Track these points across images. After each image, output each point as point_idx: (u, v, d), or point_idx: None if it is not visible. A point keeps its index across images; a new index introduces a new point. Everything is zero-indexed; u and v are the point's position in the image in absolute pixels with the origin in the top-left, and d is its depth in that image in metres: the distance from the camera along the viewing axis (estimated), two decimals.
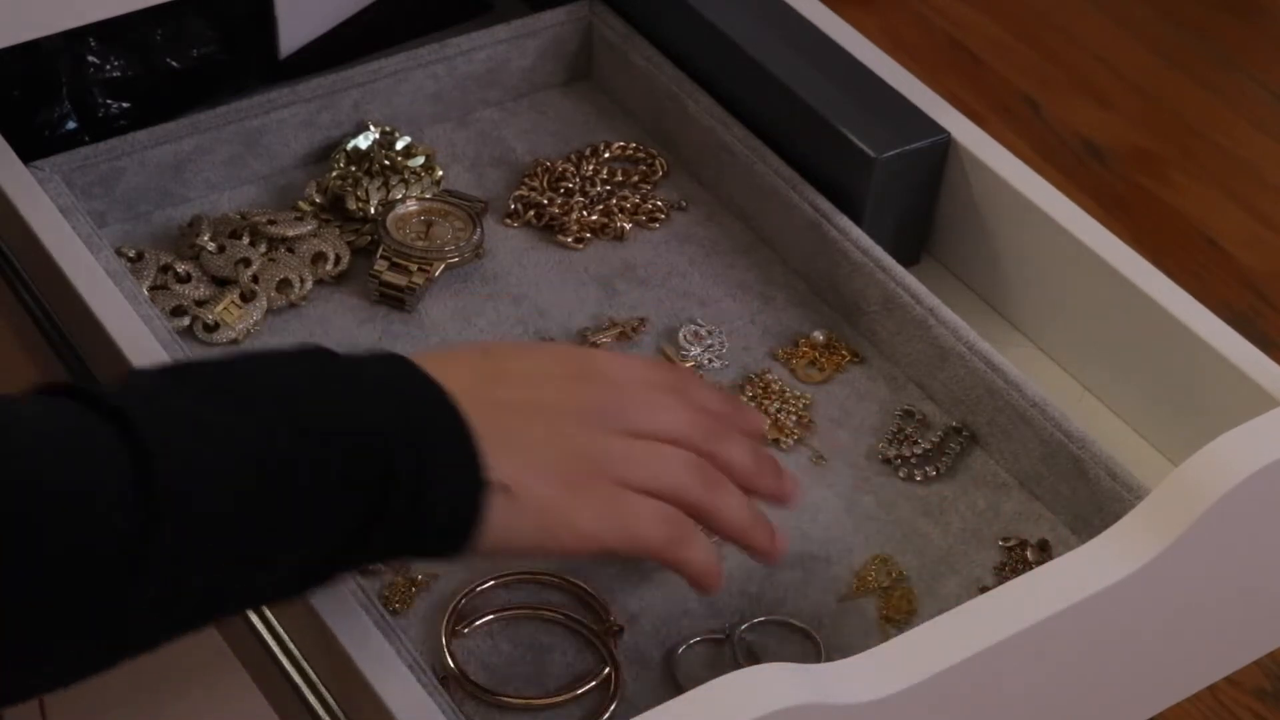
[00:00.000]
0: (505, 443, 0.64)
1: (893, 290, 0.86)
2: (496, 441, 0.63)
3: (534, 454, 0.65)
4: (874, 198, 0.88)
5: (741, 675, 0.60)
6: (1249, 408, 0.76)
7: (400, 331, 0.88)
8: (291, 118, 0.94)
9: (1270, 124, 1.73)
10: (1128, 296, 0.83)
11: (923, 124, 0.89)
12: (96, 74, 0.94)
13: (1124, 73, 1.77)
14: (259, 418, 0.60)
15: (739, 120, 0.94)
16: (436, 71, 0.97)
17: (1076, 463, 0.79)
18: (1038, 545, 0.78)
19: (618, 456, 0.67)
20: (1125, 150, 1.68)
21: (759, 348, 0.88)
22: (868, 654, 0.63)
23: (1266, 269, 1.57)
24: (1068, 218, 0.86)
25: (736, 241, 0.94)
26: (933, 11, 1.82)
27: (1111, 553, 0.67)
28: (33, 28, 0.85)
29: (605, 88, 1.02)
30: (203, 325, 0.87)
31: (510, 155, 0.98)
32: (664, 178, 0.97)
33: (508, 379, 0.67)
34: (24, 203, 0.84)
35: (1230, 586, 0.74)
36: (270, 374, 0.63)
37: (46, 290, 0.86)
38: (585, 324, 0.89)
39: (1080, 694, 0.72)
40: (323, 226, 0.92)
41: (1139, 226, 1.60)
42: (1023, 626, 0.64)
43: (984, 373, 0.82)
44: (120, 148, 0.91)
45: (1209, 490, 0.67)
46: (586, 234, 0.93)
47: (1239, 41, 1.83)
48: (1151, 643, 0.73)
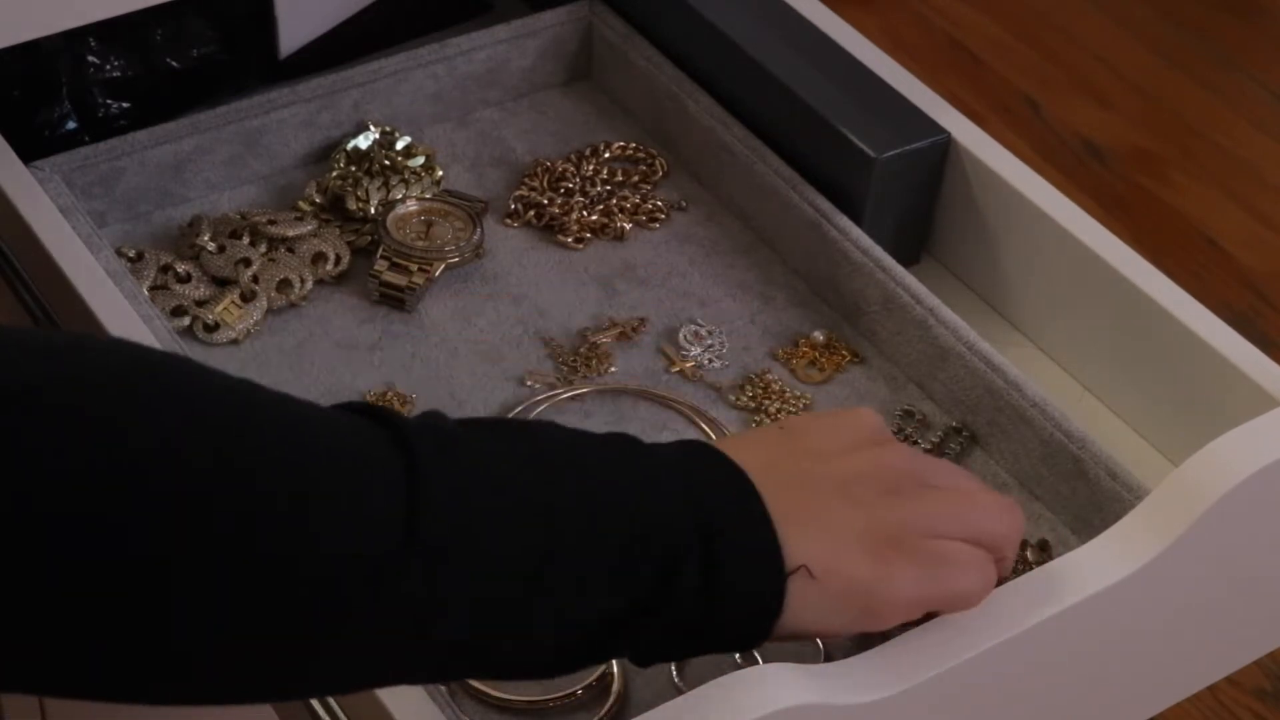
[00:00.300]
0: (801, 520, 0.61)
1: (893, 290, 0.86)
2: (795, 522, 0.61)
3: (836, 530, 0.62)
4: (874, 198, 0.88)
5: (742, 675, 0.60)
6: (1249, 408, 0.76)
7: (400, 331, 0.88)
8: (291, 118, 0.94)
9: (1270, 124, 1.73)
10: (1128, 296, 0.83)
11: (923, 124, 0.89)
12: (96, 74, 0.94)
13: (1124, 73, 1.77)
14: (546, 473, 0.58)
15: (739, 120, 0.94)
16: (436, 71, 0.97)
17: (1076, 463, 0.79)
18: (1038, 545, 0.78)
19: (923, 511, 0.63)
20: (1125, 150, 1.68)
21: (759, 348, 0.88)
22: (868, 654, 0.63)
23: (1266, 269, 1.57)
24: (1068, 218, 0.86)
25: (736, 241, 0.94)
26: (933, 11, 1.82)
27: (1111, 553, 0.67)
28: (33, 28, 0.85)
29: (605, 88, 1.02)
30: (203, 325, 0.87)
31: (510, 155, 0.98)
32: (664, 178, 0.97)
33: (805, 454, 0.64)
34: (24, 203, 0.84)
35: (1230, 586, 0.74)
36: (569, 439, 0.61)
37: (46, 290, 0.86)
38: (585, 324, 0.89)
39: (1080, 694, 0.72)
40: (323, 226, 0.92)
41: (1139, 226, 1.60)
42: (1023, 627, 0.64)
43: (984, 373, 0.82)
44: (120, 148, 0.91)
45: (1209, 490, 0.67)
46: (586, 234, 0.93)
47: (1239, 41, 1.83)
48: (1151, 643, 0.72)
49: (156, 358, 0.56)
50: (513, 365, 0.86)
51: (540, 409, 0.84)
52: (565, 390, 0.85)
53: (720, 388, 0.86)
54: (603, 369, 0.86)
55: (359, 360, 0.86)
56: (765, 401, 0.85)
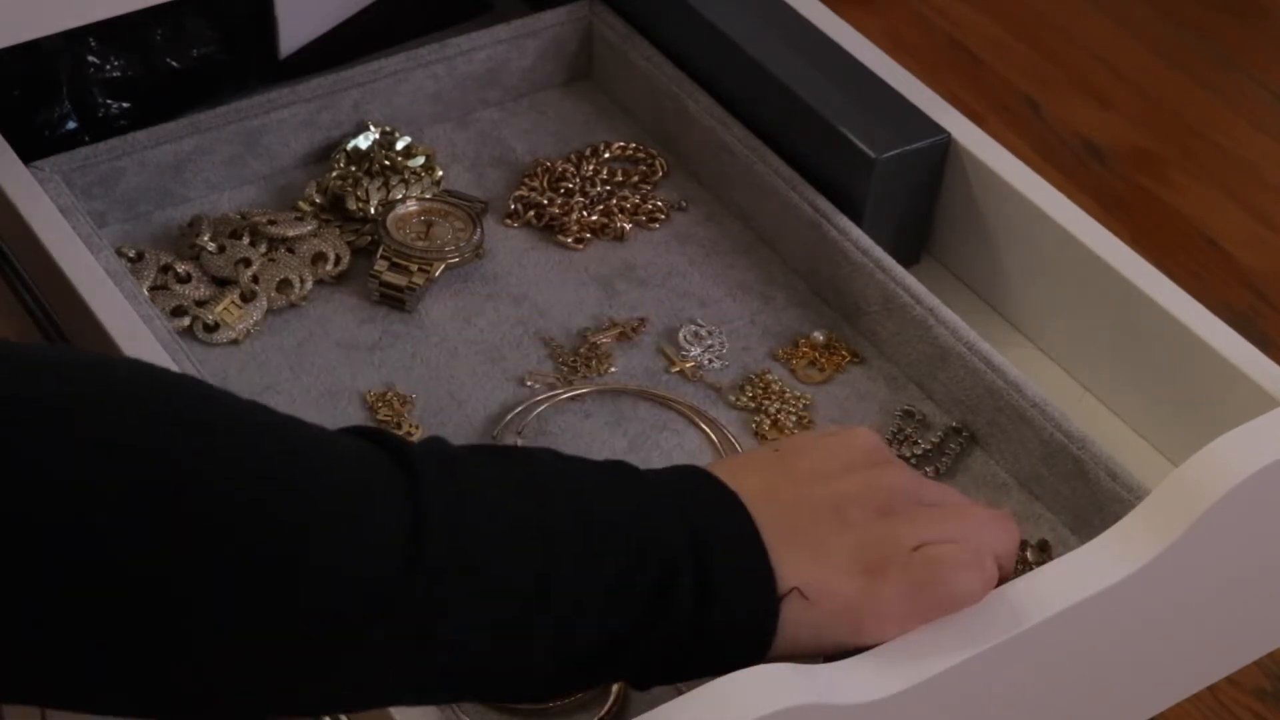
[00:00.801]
0: (794, 544, 0.62)
1: (893, 290, 0.86)
2: (789, 545, 0.61)
3: (828, 552, 0.62)
4: (874, 198, 0.88)
5: (742, 675, 0.60)
6: (1249, 408, 0.76)
7: (400, 331, 0.88)
8: (291, 118, 0.94)
9: (1270, 124, 1.72)
10: (1128, 296, 0.83)
11: (923, 124, 0.89)
12: (96, 74, 0.94)
13: (1124, 73, 1.77)
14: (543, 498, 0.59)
15: (739, 120, 0.94)
16: (436, 71, 0.97)
17: (1076, 463, 0.79)
18: (1038, 545, 0.78)
19: (916, 526, 0.64)
20: (1125, 150, 1.68)
21: (759, 348, 0.88)
22: (868, 654, 0.63)
23: (1266, 269, 1.57)
24: (1068, 218, 0.86)
25: (736, 241, 0.94)
26: (933, 11, 1.82)
27: (1111, 553, 0.67)
28: (33, 28, 0.85)
29: (605, 88, 1.02)
30: (203, 325, 0.87)
31: (510, 155, 0.98)
32: (664, 178, 0.97)
33: (801, 478, 0.65)
34: (24, 203, 0.84)
35: (1230, 586, 0.74)
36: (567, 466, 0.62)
37: (46, 290, 0.86)
38: (585, 324, 0.89)
39: (1080, 694, 0.72)
40: (323, 226, 0.92)
41: (1139, 226, 1.60)
42: (1023, 627, 0.64)
43: (984, 373, 0.82)
44: (120, 148, 0.91)
45: (1209, 490, 0.67)
46: (586, 234, 0.93)
47: (1239, 41, 1.82)
48: (1151, 643, 0.72)
49: (170, 379, 0.57)
50: (513, 365, 0.86)
51: (540, 409, 0.84)
52: (565, 390, 0.85)
53: (720, 388, 0.86)
54: (603, 369, 0.86)
55: (359, 360, 0.86)
56: (765, 402, 0.85)
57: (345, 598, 0.54)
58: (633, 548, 0.59)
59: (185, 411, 0.55)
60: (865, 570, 0.62)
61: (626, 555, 0.59)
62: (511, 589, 0.57)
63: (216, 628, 0.53)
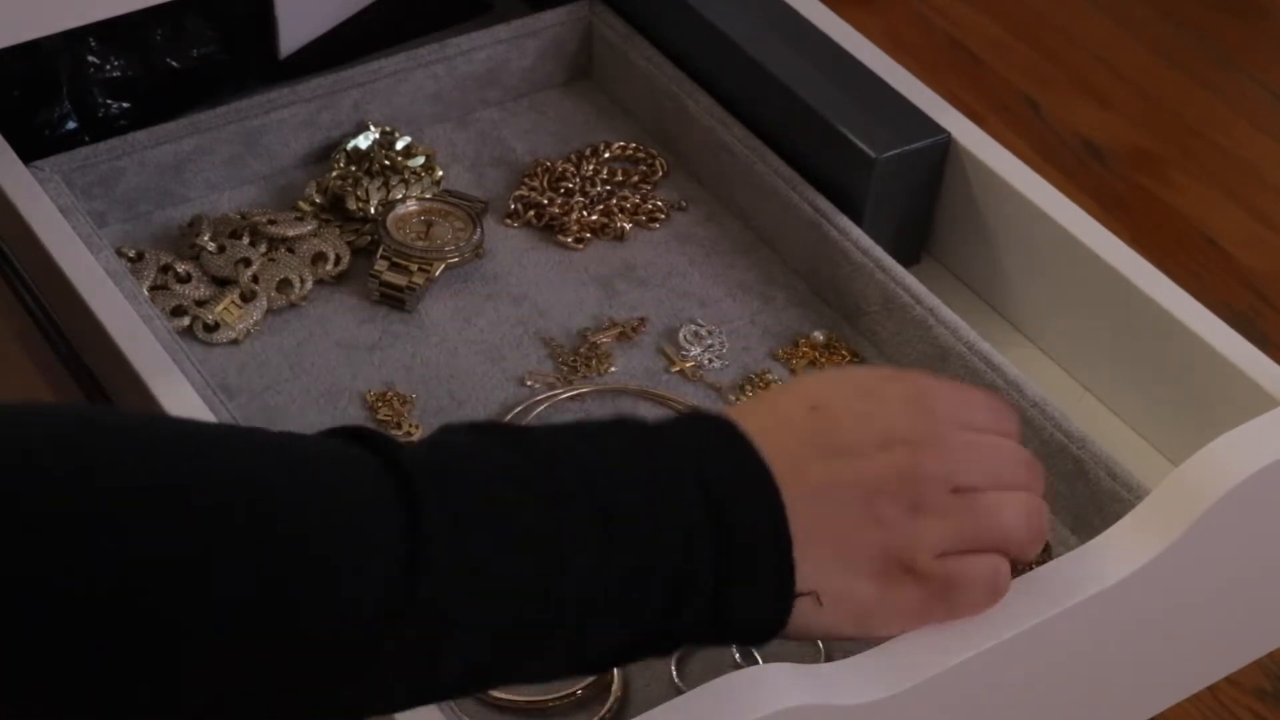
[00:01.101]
0: (819, 539, 0.60)
1: (893, 290, 0.86)
2: (814, 543, 0.60)
3: (852, 554, 0.61)
4: (874, 198, 0.88)
5: (742, 675, 0.60)
6: (1249, 408, 0.76)
7: (400, 331, 0.88)
8: (291, 118, 0.94)
9: (1270, 124, 1.72)
10: (1128, 296, 0.83)
11: (923, 124, 0.89)
12: (96, 74, 0.94)
13: (1124, 73, 1.77)
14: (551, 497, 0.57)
15: (739, 120, 0.94)
16: (436, 71, 0.97)
17: (1076, 462, 0.78)
18: None
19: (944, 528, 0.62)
20: (1125, 150, 1.68)
21: (759, 348, 0.88)
22: (868, 654, 0.63)
23: (1266, 269, 1.57)
24: (1068, 218, 0.86)
25: (736, 241, 0.94)
26: (933, 11, 1.82)
27: (1111, 553, 0.67)
28: (33, 28, 0.85)
29: (605, 88, 1.02)
30: (203, 325, 0.87)
31: (510, 155, 0.98)
32: (664, 178, 0.97)
33: (834, 451, 0.62)
34: (24, 203, 0.84)
35: (1230, 586, 0.74)
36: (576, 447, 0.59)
37: (46, 290, 0.86)
38: (585, 324, 0.89)
39: (1080, 694, 0.72)
40: (323, 226, 0.92)
41: (1139, 226, 1.59)
42: (1023, 627, 0.64)
43: (984, 373, 0.82)
44: (120, 148, 0.91)
45: (1209, 490, 0.67)
46: (586, 234, 0.93)
47: (1239, 41, 1.82)
48: (1151, 643, 0.72)
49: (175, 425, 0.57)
50: (513, 365, 0.86)
51: (540, 409, 0.84)
52: (565, 390, 0.85)
53: (720, 388, 0.86)
54: (603, 369, 0.86)
55: (359, 360, 0.86)
56: None
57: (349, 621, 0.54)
58: (647, 546, 0.58)
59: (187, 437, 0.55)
60: (885, 573, 0.62)
61: (640, 554, 0.57)
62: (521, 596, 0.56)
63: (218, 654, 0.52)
